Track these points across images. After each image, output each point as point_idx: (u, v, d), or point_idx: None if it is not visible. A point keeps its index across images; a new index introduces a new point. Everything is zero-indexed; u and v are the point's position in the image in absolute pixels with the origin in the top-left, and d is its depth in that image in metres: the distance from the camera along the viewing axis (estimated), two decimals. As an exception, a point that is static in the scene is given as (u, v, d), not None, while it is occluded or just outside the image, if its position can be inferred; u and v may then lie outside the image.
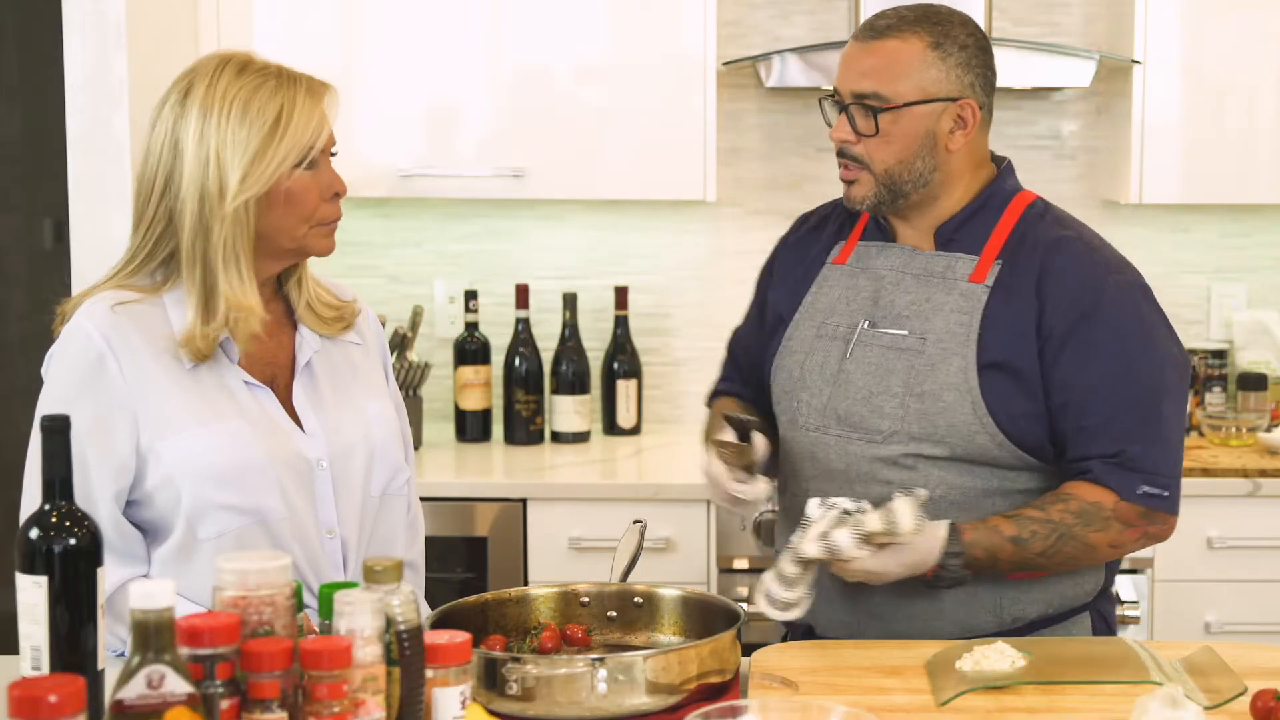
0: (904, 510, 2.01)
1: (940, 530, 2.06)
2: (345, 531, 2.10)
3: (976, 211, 2.22)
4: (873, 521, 2.00)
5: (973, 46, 2.18)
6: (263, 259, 2.06)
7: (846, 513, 2.03)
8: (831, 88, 2.24)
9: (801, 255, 2.37)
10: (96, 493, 1.97)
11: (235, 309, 2.01)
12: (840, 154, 2.21)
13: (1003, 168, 2.27)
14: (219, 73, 2.02)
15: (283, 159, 2.00)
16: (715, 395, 2.51)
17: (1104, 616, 2.29)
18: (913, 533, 2.01)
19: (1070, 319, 2.13)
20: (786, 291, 2.35)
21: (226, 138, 1.99)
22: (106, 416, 1.97)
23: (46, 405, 2.00)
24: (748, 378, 2.44)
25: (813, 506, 2.04)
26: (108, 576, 1.94)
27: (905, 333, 2.18)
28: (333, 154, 2.09)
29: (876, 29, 2.18)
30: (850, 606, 2.21)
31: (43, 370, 2.05)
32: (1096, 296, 2.14)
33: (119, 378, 1.98)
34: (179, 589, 1.94)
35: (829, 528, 2.01)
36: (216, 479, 1.99)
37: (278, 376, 2.11)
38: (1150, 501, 2.14)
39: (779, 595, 2.04)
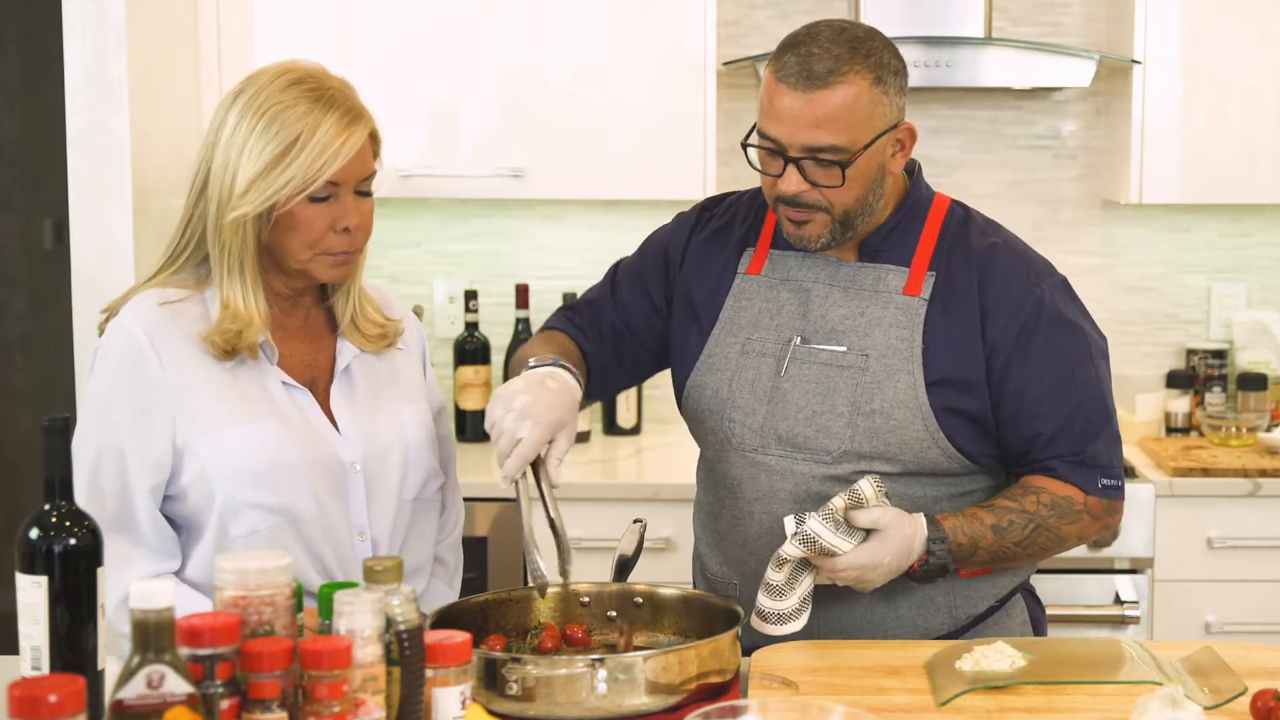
0: (864, 485, 2.01)
1: (919, 519, 2.05)
2: (376, 533, 2.10)
3: (901, 222, 2.19)
4: (837, 501, 1.99)
5: (900, 68, 2.11)
6: (274, 274, 2.07)
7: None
8: (761, 133, 2.10)
9: (713, 259, 2.28)
10: (134, 487, 1.98)
11: (232, 317, 2.01)
12: (785, 201, 2.10)
13: (915, 172, 2.24)
14: (273, 80, 2.01)
15: (283, 185, 1.97)
16: (552, 327, 2.34)
17: (1031, 593, 2.33)
18: (877, 503, 2.00)
19: (1013, 330, 2.13)
20: (704, 295, 2.26)
21: (246, 147, 1.98)
22: (145, 411, 1.99)
23: (89, 400, 2.04)
24: (602, 342, 2.32)
25: (789, 523, 2.03)
26: (138, 571, 1.96)
27: (844, 349, 2.14)
28: (364, 192, 2.03)
29: (817, 76, 2.04)
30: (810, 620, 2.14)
31: (91, 366, 2.08)
32: (1037, 305, 2.15)
33: (159, 374, 1.99)
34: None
35: (798, 527, 2.00)
36: (249, 478, 1.99)
37: (317, 379, 2.11)
38: (1109, 493, 2.18)
39: (768, 606, 2.01)
